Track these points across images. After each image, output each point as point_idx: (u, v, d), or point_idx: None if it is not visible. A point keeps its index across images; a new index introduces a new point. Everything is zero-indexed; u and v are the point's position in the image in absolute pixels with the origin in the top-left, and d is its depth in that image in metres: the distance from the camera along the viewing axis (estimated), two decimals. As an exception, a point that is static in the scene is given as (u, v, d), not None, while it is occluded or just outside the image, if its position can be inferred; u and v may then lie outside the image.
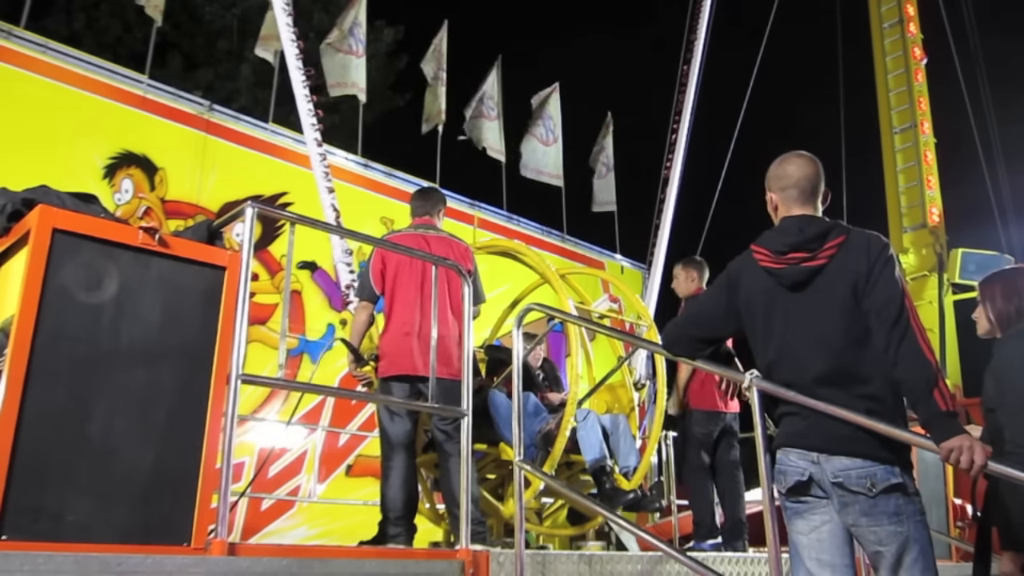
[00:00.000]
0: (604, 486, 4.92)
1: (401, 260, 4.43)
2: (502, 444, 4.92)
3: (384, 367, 4.36)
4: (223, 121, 9.17)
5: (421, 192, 4.95)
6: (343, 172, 10.19)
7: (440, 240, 4.60)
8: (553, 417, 4.99)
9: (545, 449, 4.83)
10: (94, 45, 14.01)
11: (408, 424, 4.31)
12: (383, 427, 4.34)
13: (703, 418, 5.64)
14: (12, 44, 7.75)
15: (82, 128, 8.06)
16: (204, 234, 3.05)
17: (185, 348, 2.79)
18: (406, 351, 4.28)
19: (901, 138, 13.52)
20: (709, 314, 2.82)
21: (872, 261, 2.49)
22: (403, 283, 4.41)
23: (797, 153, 2.77)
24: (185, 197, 8.67)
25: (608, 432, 5.14)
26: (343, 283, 5.61)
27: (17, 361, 2.44)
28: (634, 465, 5.23)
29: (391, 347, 4.35)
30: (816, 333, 2.52)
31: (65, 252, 2.56)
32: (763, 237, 2.69)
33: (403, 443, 4.28)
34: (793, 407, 2.53)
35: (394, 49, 17.67)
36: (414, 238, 4.57)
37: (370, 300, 4.52)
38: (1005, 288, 3.44)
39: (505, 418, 4.74)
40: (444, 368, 4.16)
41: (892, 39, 13.93)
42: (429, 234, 4.62)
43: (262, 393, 8.38)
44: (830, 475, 2.43)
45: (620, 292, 5.72)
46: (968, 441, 2.25)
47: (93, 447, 2.56)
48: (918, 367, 2.34)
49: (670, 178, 10.20)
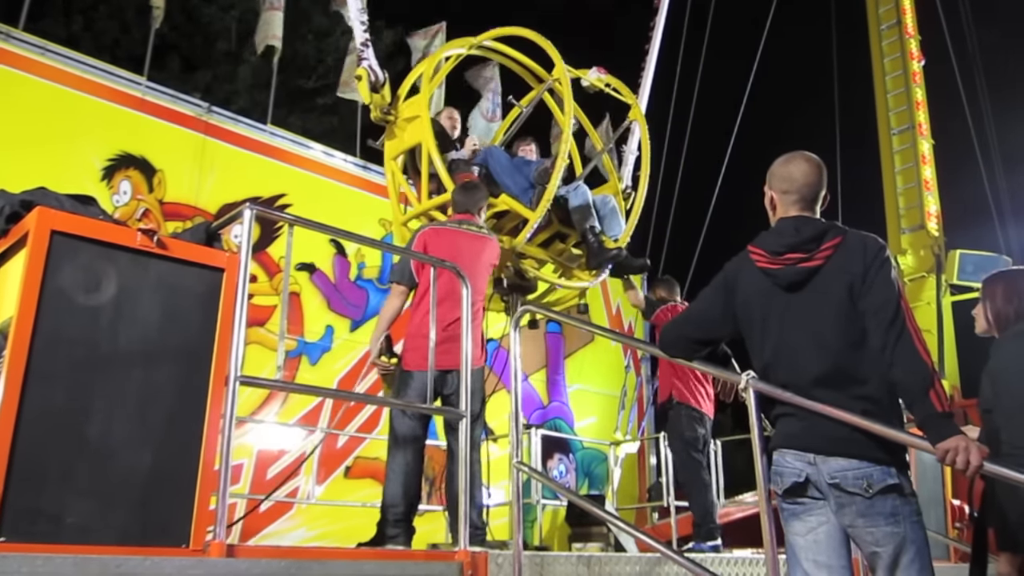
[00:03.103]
0: (592, 244, 5.37)
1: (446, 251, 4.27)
2: (503, 195, 5.27)
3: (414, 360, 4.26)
4: (221, 123, 9.19)
5: (463, 187, 4.87)
6: (341, 174, 10.22)
7: (483, 241, 4.57)
8: (548, 159, 5.41)
9: (543, 185, 5.15)
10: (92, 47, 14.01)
11: (415, 423, 4.27)
12: (392, 423, 4.31)
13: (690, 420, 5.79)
14: (11, 46, 7.77)
15: (80, 130, 8.07)
16: (203, 236, 3.05)
17: (184, 350, 2.80)
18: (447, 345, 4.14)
19: (899, 139, 13.53)
20: (706, 315, 2.82)
21: (868, 262, 2.50)
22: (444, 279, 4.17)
23: (803, 155, 2.74)
24: (183, 199, 8.68)
25: (598, 208, 5.52)
26: (358, 41, 5.60)
27: (16, 363, 2.45)
28: (618, 234, 5.65)
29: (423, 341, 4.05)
30: (812, 334, 2.52)
31: (63, 254, 2.57)
32: (760, 238, 2.70)
33: (409, 441, 4.24)
34: (789, 408, 2.54)
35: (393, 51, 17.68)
36: (454, 234, 4.52)
37: (409, 286, 4.44)
38: (1007, 289, 3.45)
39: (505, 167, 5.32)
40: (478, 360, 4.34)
41: (890, 40, 13.94)
42: (473, 232, 4.57)
43: (260, 395, 8.38)
44: (827, 476, 2.43)
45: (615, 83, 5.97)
46: (964, 442, 2.25)
47: (92, 449, 2.56)
48: (914, 368, 2.35)
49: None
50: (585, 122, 6.37)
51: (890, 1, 14.07)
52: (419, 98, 5.46)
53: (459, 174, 5.35)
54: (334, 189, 10.03)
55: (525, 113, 6.08)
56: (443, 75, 6.16)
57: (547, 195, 5.06)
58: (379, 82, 5.46)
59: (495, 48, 6.13)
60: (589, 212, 5.43)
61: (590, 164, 6.13)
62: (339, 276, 9.69)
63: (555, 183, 5.10)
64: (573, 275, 5.74)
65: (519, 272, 5.41)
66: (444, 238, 4.46)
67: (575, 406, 12.16)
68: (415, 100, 5.50)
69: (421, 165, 5.38)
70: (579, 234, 5.51)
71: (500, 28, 5.82)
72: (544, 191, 5.09)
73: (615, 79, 5.88)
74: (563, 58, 5.55)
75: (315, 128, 15.51)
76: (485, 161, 5.50)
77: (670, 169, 12.57)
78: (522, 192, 5.25)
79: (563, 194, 5.40)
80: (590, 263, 5.53)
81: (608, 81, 5.81)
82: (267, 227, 9.00)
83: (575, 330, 12.04)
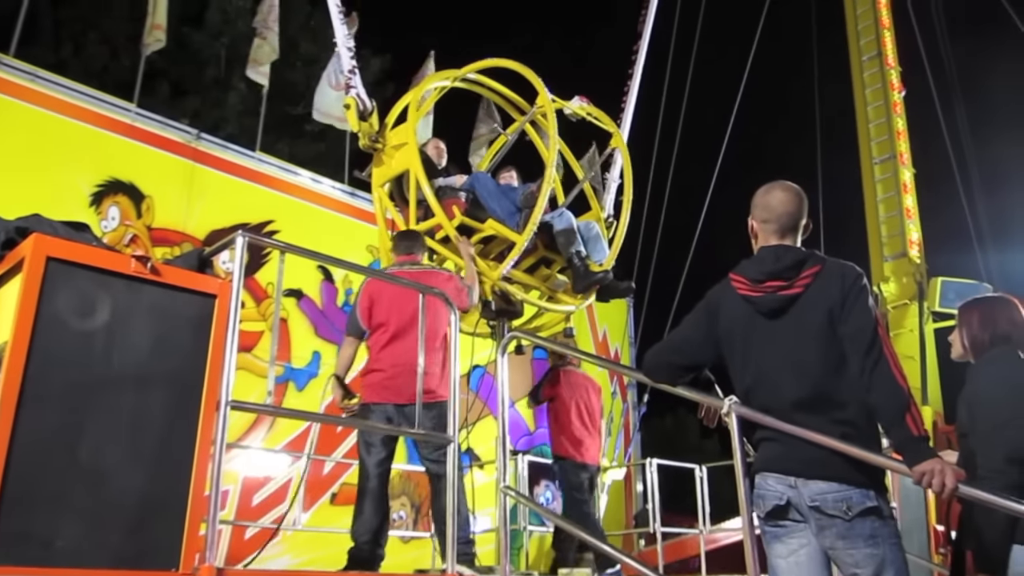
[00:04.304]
0: (578, 268, 5.48)
1: (385, 295, 4.64)
2: (490, 220, 5.35)
3: (367, 395, 4.56)
4: (210, 149, 9.24)
5: (401, 234, 5.19)
6: (329, 200, 10.28)
7: (423, 273, 4.79)
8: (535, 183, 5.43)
9: (529, 208, 5.24)
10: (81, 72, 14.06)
11: (383, 454, 4.51)
12: (360, 457, 4.56)
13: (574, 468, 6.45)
14: (1, 72, 7.81)
15: (70, 156, 8.09)
16: (195, 262, 3.10)
17: (175, 374, 2.83)
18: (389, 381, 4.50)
19: (881, 168, 13.71)
20: (689, 341, 2.89)
21: (846, 290, 2.57)
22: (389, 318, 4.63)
23: (782, 185, 2.82)
24: (172, 225, 8.71)
25: (582, 233, 5.65)
26: (345, 68, 5.78)
27: (9, 387, 2.48)
28: (603, 259, 5.74)
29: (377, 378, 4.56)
30: (792, 359, 2.59)
31: (58, 280, 2.61)
32: (741, 266, 2.77)
33: (377, 474, 4.48)
34: (771, 432, 2.60)
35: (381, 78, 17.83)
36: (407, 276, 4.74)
37: (357, 336, 4.77)
38: (982, 315, 3.52)
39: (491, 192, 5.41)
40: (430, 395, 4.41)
41: (871, 72, 14.15)
42: (413, 270, 4.83)
43: (247, 421, 8.37)
44: (807, 499, 2.49)
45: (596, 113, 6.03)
46: (939, 464, 2.32)
47: (84, 472, 2.59)
48: (891, 393, 2.41)
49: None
50: (566, 151, 6.46)
51: (871, 32, 14.31)
52: (406, 126, 5.54)
53: (447, 200, 5.43)
54: (322, 215, 10.09)
55: (510, 142, 6.17)
56: (429, 105, 6.24)
57: (533, 218, 5.15)
58: (367, 111, 5.54)
59: (478, 80, 6.23)
60: (574, 236, 5.53)
61: (573, 191, 6.21)
62: (326, 302, 9.71)
63: (541, 206, 5.18)
64: (559, 299, 5.80)
65: (506, 297, 5.46)
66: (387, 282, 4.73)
67: (562, 432, 12.14)
68: (402, 128, 5.58)
69: (408, 192, 5.45)
70: (565, 258, 5.59)
71: (485, 60, 5.91)
72: (531, 214, 5.17)
73: (597, 109, 5.97)
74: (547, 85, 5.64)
75: (303, 154, 15.58)
76: (472, 187, 5.58)
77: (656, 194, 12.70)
78: (508, 216, 5.34)
79: (548, 220, 5.48)
80: (576, 287, 5.60)
81: (590, 111, 5.90)
82: (255, 253, 9.02)
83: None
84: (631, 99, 6.94)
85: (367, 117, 5.55)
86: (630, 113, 6.92)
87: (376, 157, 5.67)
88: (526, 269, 5.70)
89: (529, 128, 6.22)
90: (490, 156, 6.73)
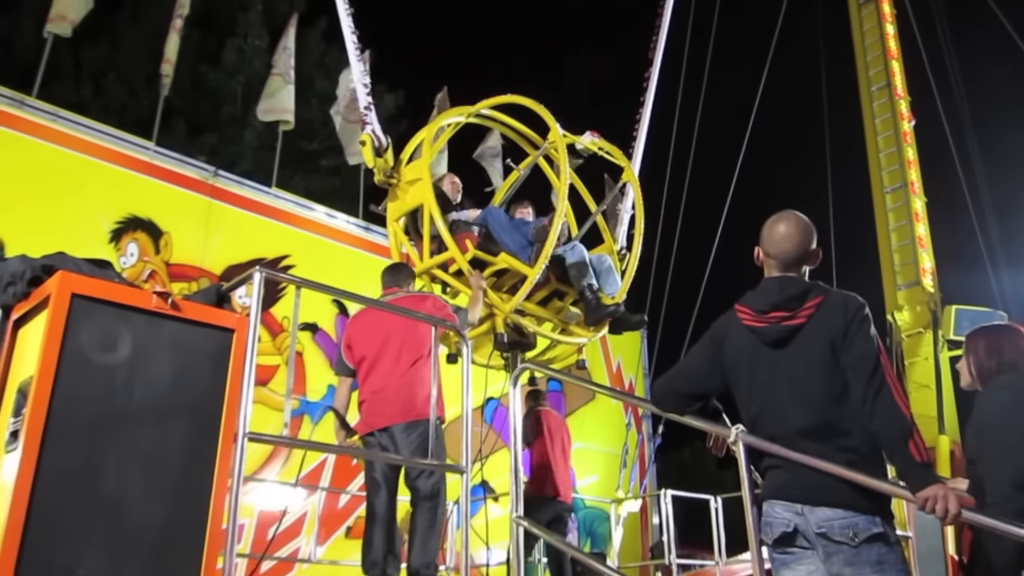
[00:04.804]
0: (589, 301, 5.53)
1: (360, 331, 4.80)
2: (502, 253, 5.41)
3: (360, 428, 4.66)
4: (227, 186, 9.40)
5: (389, 268, 5.27)
6: (344, 235, 10.41)
7: (406, 298, 4.86)
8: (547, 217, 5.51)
9: (541, 242, 5.30)
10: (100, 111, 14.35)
11: (387, 496, 4.54)
12: (368, 498, 4.60)
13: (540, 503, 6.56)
14: (24, 113, 8.00)
15: (90, 193, 8.26)
16: (213, 297, 3.18)
17: (194, 407, 2.90)
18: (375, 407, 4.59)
19: (892, 198, 13.72)
20: (696, 370, 2.95)
21: (849, 320, 2.62)
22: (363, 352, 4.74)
23: (788, 217, 2.85)
24: (189, 260, 8.84)
25: (594, 266, 5.70)
26: (361, 105, 5.94)
27: (35, 420, 2.55)
28: (615, 292, 5.80)
29: (363, 409, 4.69)
30: (797, 388, 2.64)
31: (83, 316, 2.69)
32: (746, 297, 2.83)
33: (383, 515, 4.52)
34: (777, 460, 2.64)
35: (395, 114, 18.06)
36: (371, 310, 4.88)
37: (346, 375, 4.89)
38: (988, 343, 3.57)
39: (504, 226, 5.49)
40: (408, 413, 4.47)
41: (880, 101, 14.21)
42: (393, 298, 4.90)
43: (262, 455, 8.43)
44: (814, 526, 2.53)
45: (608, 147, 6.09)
46: (943, 490, 2.35)
47: (105, 504, 2.65)
48: (893, 420, 2.46)
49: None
50: (578, 184, 6.54)
51: (879, 63, 14.39)
52: (420, 162, 5.64)
53: (460, 234, 5.51)
54: (336, 250, 10.22)
55: (522, 176, 6.26)
56: (443, 141, 6.35)
57: (545, 251, 5.21)
58: (382, 147, 5.65)
59: (492, 116, 6.34)
60: (586, 269, 5.59)
61: (585, 225, 6.28)
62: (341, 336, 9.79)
63: (553, 239, 5.24)
64: (572, 331, 5.86)
65: (519, 329, 5.52)
66: (363, 316, 4.89)
67: (576, 464, 12.12)
68: (417, 163, 5.68)
69: (423, 226, 5.54)
70: (577, 291, 5.65)
71: (497, 97, 6.02)
72: (542, 248, 5.24)
73: (607, 143, 6.06)
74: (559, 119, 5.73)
75: (318, 189, 15.79)
76: (485, 221, 5.67)
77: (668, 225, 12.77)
78: (521, 250, 5.41)
79: (560, 253, 5.55)
80: (588, 319, 5.65)
81: (601, 145, 5.99)
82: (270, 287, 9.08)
83: (575, 388, 12.12)
84: (643, 128, 7.01)
85: (382, 153, 5.66)
86: (642, 142, 6.99)
87: (391, 192, 5.77)
88: (539, 302, 5.76)
89: (542, 162, 6.31)
90: (503, 191, 6.83)
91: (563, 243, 5.67)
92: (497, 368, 5.83)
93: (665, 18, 7.62)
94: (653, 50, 7.49)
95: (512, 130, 6.50)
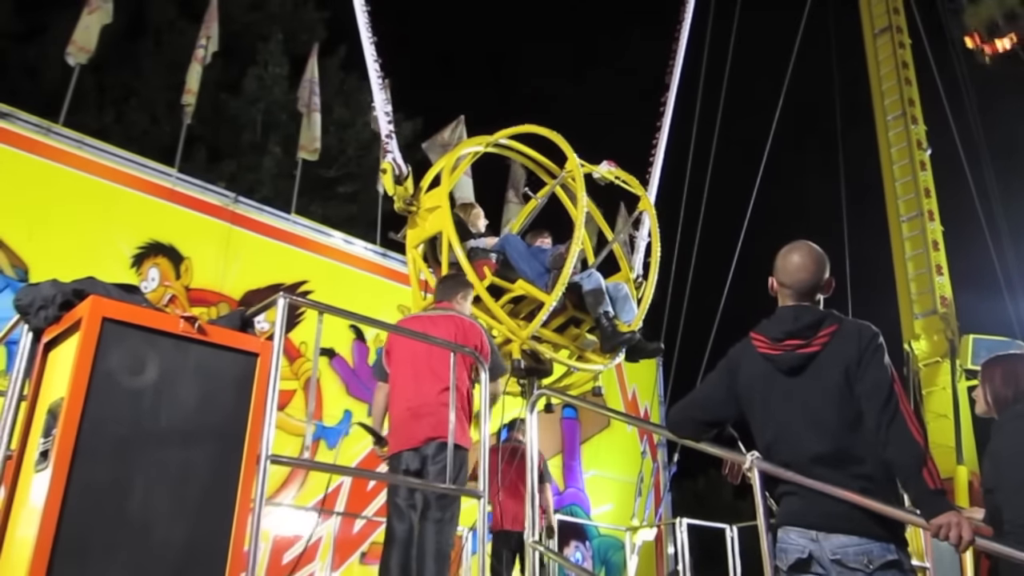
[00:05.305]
0: (606, 328, 5.54)
1: (399, 342, 4.74)
2: (520, 280, 5.44)
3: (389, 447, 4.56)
4: (247, 212, 9.52)
5: (443, 279, 5.26)
6: (362, 261, 10.50)
7: (446, 319, 4.78)
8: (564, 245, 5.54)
9: (558, 269, 5.32)
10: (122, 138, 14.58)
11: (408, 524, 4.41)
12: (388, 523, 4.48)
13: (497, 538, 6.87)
14: (50, 140, 8.16)
15: (113, 219, 8.39)
16: (238, 322, 3.24)
17: (219, 430, 2.95)
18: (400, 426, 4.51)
19: (908, 226, 13.74)
20: (711, 398, 2.99)
21: (863, 348, 2.66)
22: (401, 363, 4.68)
23: (801, 248, 2.90)
24: (209, 285, 8.95)
25: (611, 294, 5.73)
26: (383, 133, 6.01)
27: (65, 441, 2.61)
28: (631, 319, 5.81)
29: (393, 423, 4.60)
30: (811, 416, 2.67)
31: (113, 340, 2.75)
32: (761, 325, 2.87)
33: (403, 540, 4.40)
34: (792, 487, 2.67)
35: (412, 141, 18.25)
36: (417, 320, 4.87)
37: (383, 380, 4.82)
38: (1005, 372, 3.59)
39: (521, 254, 5.51)
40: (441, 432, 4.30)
41: (896, 131, 14.27)
42: (435, 314, 4.86)
43: (278, 479, 8.47)
44: (829, 553, 2.55)
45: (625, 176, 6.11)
46: (956, 518, 2.38)
47: (131, 524, 2.69)
48: (907, 448, 2.49)
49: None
50: (595, 213, 6.60)
51: (894, 92, 14.45)
52: (440, 190, 5.71)
53: (478, 261, 5.57)
54: (354, 276, 10.30)
55: (540, 204, 6.33)
56: (463, 169, 6.43)
57: (562, 278, 5.25)
58: (403, 175, 5.73)
59: (510, 145, 6.42)
60: (602, 296, 5.63)
61: (602, 253, 6.34)
62: (358, 361, 9.86)
63: (570, 266, 5.28)
64: (588, 359, 5.89)
65: (535, 356, 5.57)
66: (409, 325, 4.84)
67: (591, 492, 12.13)
68: (436, 192, 5.76)
69: (441, 253, 5.61)
70: (593, 319, 5.69)
71: (515, 127, 6.09)
72: (559, 275, 5.30)
73: (624, 172, 6.12)
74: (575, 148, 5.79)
75: (335, 216, 15.94)
76: (503, 248, 5.73)
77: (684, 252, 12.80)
78: (538, 277, 5.46)
79: (577, 280, 5.60)
80: (604, 347, 5.68)
81: (618, 174, 6.05)
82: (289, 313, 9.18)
83: (591, 416, 12.12)
84: (659, 153, 7.04)
85: (402, 181, 5.74)
86: (658, 168, 7.03)
87: (411, 220, 5.85)
88: (555, 329, 5.80)
89: (559, 191, 6.38)
90: (521, 218, 6.90)
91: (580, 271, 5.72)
92: (514, 395, 5.87)
93: (681, 43, 7.64)
94: (670, 75, 7.52)
95: (530, 159, 6.59)
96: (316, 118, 11.08)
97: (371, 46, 6.22)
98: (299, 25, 19.05)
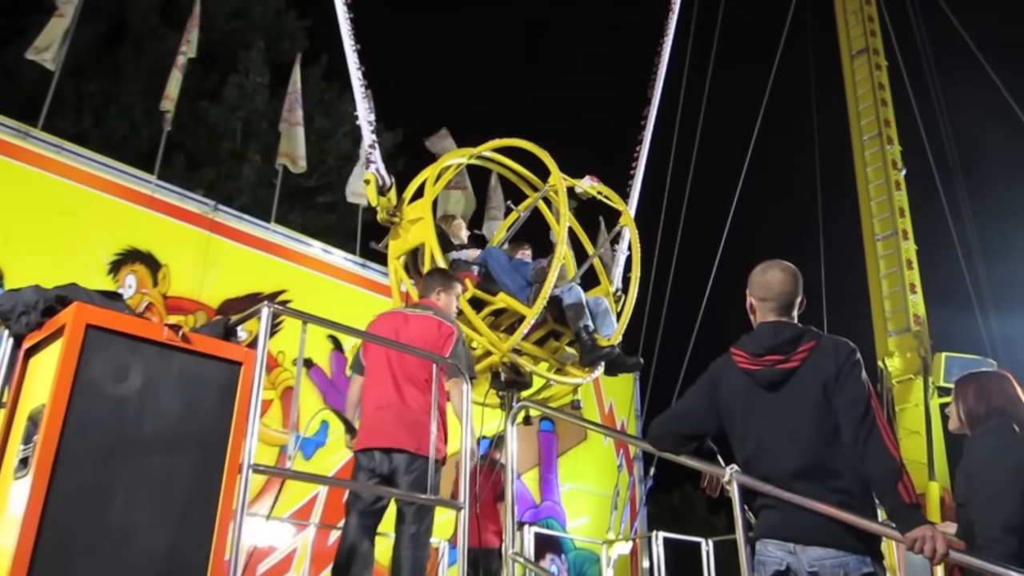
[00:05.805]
0: (585, 342, 5.56)
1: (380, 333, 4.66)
2: (501, 293, 5.46)
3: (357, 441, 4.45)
4: (226, 220, 9.48)
5: (428, 273, 5.24)
6: (340, 271, 10.48)
7: (418, 318, 4.74)
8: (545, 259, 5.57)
9: (539, 283, 5.34)
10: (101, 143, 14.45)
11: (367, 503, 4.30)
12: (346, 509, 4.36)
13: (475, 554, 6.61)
14: (28, 144, 8.10)
15: (90, 225, 8.33)
16: (221, 331, 3.24)
17: (202, 438, 2.94)
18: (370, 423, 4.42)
19: (883, 245, 13.90)
20: (692, 412, 3.03)
21: (840, 364, 2.71)
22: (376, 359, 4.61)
23: (779, 265, 2.99)
24: (187, 293, 8.89)
25: (591, 308, 5.77)
26: (366, 143, 5.99)
27: (46, 448, 2.60)
28: (611, 334, 5.85)
29: (364, 419, 4.51)
30: (790, 430, 2.72)
31: (97, 346, 2.74)
32: (741, 340, 2.92)
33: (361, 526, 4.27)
34: (770, 500, 2.71)
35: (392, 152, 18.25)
36: (392, 316, 4.82)
37: (360, 373, 4.77)
38: (978, 390, 3.66)
39: (503, 267, 5.56)
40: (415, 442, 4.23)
41: (872, 151, 14.46)
42: (412, 312, 4.82)
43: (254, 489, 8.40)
44: (806, 565, 2.59)
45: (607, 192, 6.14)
46: (931, 531, 2.43)
47: (113, 532, 2.68)
48: (883, 462, 2.54)
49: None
50: (577, 227, 6.64)
51: (871, 113, 14.65)
52: (423, 201, 5.73)
53: (461, 273, 5.59)
54: (333, 286, 10.28)
55: (522, 217, 6.36)
56: (445, 181, 6.45)
57: (543, 292, 5.27)
58: (386, 186, 5.74)
59: (493, 158, 6.46)
60: (582, 310, 5.66)
61: (583, 267, 6.37)
62: (336, 372, 9.83)
63: (551, 280, 5.30)
64: (567, 372, 5.92)
65: (515, 368, 5.59)
66: (383, 320, 4.78)
67: (568, 505, 12.14)
68: (419, 203, 5.77)
69: (423, 264, 5.62)
70: (573, 332, 5.71)
71: (499, 140, 6.13)
72: (541, 289, 5.33)
73: (606, 187, 6.17)
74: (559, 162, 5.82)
75: (314, 225, 15.88)
76: (484, 261, 5.76)
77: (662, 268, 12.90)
78: (519, 290, 5.49)
79: (558, 294, 5.64)
80: (583, 360, 5.71)
81: (600, 189, 6.09)
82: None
83: (568, 428, 12.14)
84: (640, 166, 7.08)
85: (386, 192, 5.75)
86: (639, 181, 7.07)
87: (393, 230, 5.86)
88: (535, 341, 5.82)
89: (541, 205, 6.42)
90: (503, 231, 6.93)
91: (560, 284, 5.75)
92: (492, 407, 5.88)
93: (664, 57, 7.71)
94: (651, 89, 7.57)
95: (513, 172, 6.62)
96: (299, 131, 11.05)
97: (354, 53, 6.22)
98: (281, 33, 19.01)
